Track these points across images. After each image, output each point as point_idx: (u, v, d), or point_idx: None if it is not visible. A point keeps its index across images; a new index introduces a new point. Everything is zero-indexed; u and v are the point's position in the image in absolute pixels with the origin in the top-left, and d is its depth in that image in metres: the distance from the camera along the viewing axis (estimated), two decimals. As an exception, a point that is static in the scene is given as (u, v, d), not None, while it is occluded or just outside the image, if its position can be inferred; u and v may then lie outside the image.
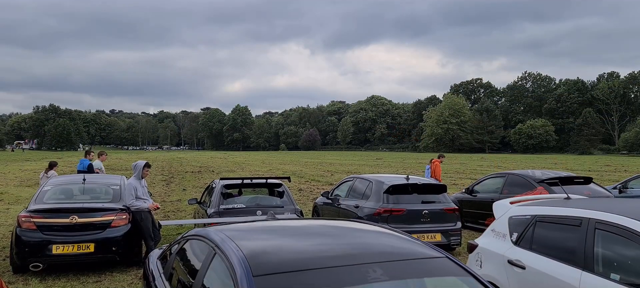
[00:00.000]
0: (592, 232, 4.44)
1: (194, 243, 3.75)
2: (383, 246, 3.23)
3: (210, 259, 3.20)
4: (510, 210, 5.60)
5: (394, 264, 2.94)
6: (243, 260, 2.82)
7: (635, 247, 4.07)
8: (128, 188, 8.52)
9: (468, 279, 3.00)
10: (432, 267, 3.03)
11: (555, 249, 4.76)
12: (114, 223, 8.05)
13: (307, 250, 3.07)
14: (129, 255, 8.23)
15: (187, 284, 3.42)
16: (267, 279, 2.66)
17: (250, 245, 3.05)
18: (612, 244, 4.31)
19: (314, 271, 2.76)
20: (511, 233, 5.34)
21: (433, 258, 3.11)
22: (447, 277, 3.00)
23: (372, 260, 2.93)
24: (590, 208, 4.69)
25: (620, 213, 4.37)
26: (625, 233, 4.16)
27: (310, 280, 2.69)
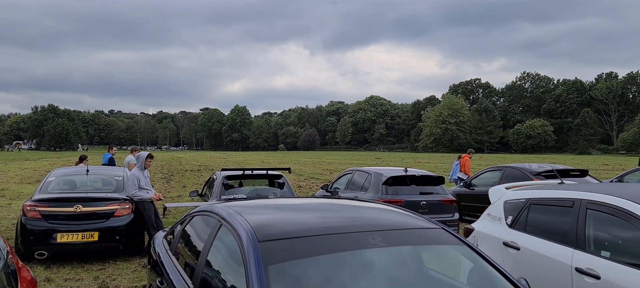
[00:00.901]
0: (583, 213, 4.59)
1: (200, 219, 3.90)
2: (382, 218, 3.37)
3: (217, 230, 3.35)
4: (505, 195, 5.75)
5: (392, 232, 3.09)
6: (248, 228, 2.96)
7: (624, 225, 4.22)
8: (131, 179, 8.66)
9: (462, 248, 3.14)
10: (428, 236, 3.18)
11: (548, 230, 4.91)
12: (117, 213, 8.19)
13: (309, 221, 3.21)
14: (132, 244, 8.37)
15: (194, 255, 3.56)
16: (271, 244, 2.80)
17: (255, 217, 3.19)
18: (602, 223, 4.46)
19: (316, 237, 2.91)
20: (506, 217, 5.49)
21: (429, 228, 3.25)
22: (442, 246, 3.15)
23: (371, 230, 3.07)
24: (582, 191, 4.85)
25: (611, 194, 4.52)
26: (616, 212, 4.31)
27: (312, 245, 2.84)
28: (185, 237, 4.03)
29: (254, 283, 2.53)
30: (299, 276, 2.69)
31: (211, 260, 3.23)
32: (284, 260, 2.71)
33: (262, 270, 2.59)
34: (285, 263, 2.70)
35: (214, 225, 3.46)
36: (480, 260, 3.05)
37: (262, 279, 2.54)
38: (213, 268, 3.18)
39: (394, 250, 3.01)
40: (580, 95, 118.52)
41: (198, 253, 3.47)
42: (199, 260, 3.35)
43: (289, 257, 2.74)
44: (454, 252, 3.15)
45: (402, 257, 3.05)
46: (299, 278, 2.68)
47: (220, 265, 3.17)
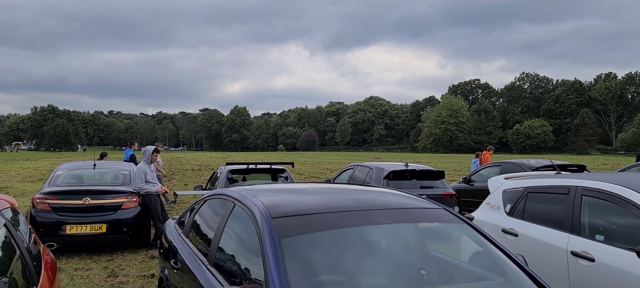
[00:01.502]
0: (579, 199, 4.78)
1: (213, 202, 4.09)
2: (387, 199, 3.56)
3: (231, 210, 3.53)
4: (504, 185, 5.94)
5: (396, 211, 3.29)
6: (262, 207, 3.15)
7: (618, 210, 4.41)
8: (138, 173, 8.84)
9: (462, 226, 3.33)
10: (430, 214, 3.37)
11: (545, 217, 5.09)
12: (124, 206, 8.37)
13: (318, 201, 3.40)
14: (139, 236, 8.55)
15: (208, 235, 3.75)
16: (284, 220, 2.99)
17: (267, 198, 3.37)
18: (597, 208, 4.65)
19: (325, 214, 3.10)
20: (505, 205, 5.68)
21: (432, 208, 3.44)
22: (444, 223, 3.34)
23: (376, 208, 3.26)
24: (578, 178, 5.04)
25: (606, 180, 4.72)
26: (610, 198, 4.50)
27: (322, 220, 3.03)
28: (198, 220, 4.22)
29: (269, 254, 2.71)
30: (310, 248, 2.88)
31: (225, 238, 3.41)
32: (296, 234, 2.89)
33: (276, 243, 2.77)
34: (297, 237, 2.89)
35: (227, 206, 3.65)
36: (480, 237, 3.24)
37: (277, 251, 2.72)
38: (228, 245, 3.37)
39: (398, 226, 3.20)
40: (579, 96, 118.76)
41: (212, 233, 3.65)
42: (214, 239, 3.53)
43: (300, 232, 2.92)
44: (455, 229, 3.34)
45: (405, 233, 3.24)
46: (310, 250, 2.87)
47: (234, 241, 3.35)
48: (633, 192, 4.35)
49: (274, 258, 2.68)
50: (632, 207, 4.26)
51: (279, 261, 2.66)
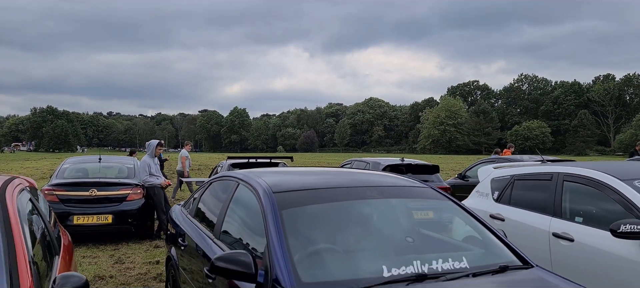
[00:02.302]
0: (561, 184, 5.09)
1: (218, 183, 4.40)
2: (378, 179, 3.87)
3: (235, 189, 3.84)
4: (492, 174, 6.26)
5: (386, 188, 3.61)
6: (265, 184, 3.45)
7: (596, 194, 4.72)
8: (142, 166, 9.14)
9: (446, 202, 3.65)
10: (418, 192, 3.69)
11: (530, 202, 5.41)
12: (129, 197, 8.68)
13: (316, 180, 3.72)
14: (143, 227, 8.86)
15: (213, 212, 4.05)
16: (284, 194, 3.30)
17: (269, 178, 3.68)
18: (577, 193, 4.96)
19: (322, 190, 3.42)
20: (493, 192, 5.99)
21: (419, 187, 3.76)
22: (431, 200, 3.66)
23: (369, 186, 3.58)
24: (560, 166, 5.36)
25: (585, 166, 5.04)
26: (589, 182, 4.82)
27: (318, 195, 3.34)
28: (203, 201, 4.52)
29: (270, 223, 3.02)
30: (307, 218, 3.19)
31: (230, 213, 3.72)
32: (295, 206, 3.20)
33: (277, 213, 3.08)
34: (296, 208, 3.19)
35: (232, 185, 3.96)
36: (462, 211, 3.56)
37: (278, 220, 3.03)
38: (232, 219, 3.68)
39: (387, 201, 3.51)
40: (577, 97, 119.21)
41: (217, 210, 3.96)
42: (219, 215, 3.84)
43: (298, 204, 3.24)
44: (440, 204, 3.66)
45: (394, 207, 3.55)
46: (307, 220, 3.18)
47: (238, 215, 3.66)
48: (610, 176, 4.66)
49: (275, 226, 2.99)
50: (609, 190, 4.57)
51: (280, 228, 2.96)
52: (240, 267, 2.79)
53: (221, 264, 2.82)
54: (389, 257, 2.93)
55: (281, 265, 2.74)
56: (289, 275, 2.68)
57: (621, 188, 4.47)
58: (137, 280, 6.36)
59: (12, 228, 2.62)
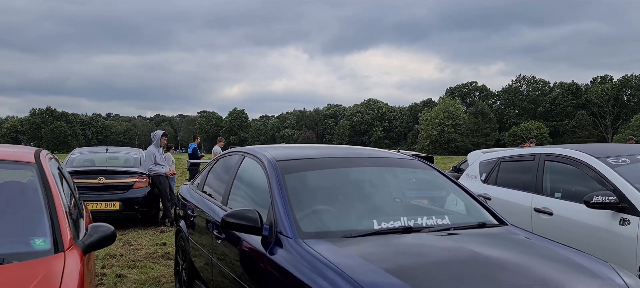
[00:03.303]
0: (542, 163, 5.48)
1: (224, 159, 4.79)
2: (371, 152, 4.27)
3: (241, 161, 4.23)
4: (481, 157, 6.65)
5: (378, 159, 4.02)
6: (269, 155, 3.84)
7: (573, 171, 5.12)
8: (148, 155, 9.52)
9: (432, 172, 4.05)
10: (406, 162, 4.09)
11: (514, 181, 5.80)
12: (135, 185, 9.07)
13: (315, 152, 4.14)
14: (148, 214, 9.25)
15: (220, 183, 4.43)
16: (287, 163, 3.68)
17: (273, 151, 4.06)
18: (557, 171, 5.36)
19: (320, 159, 3.83)
20: (481, 174, 6.38)
21: (408, 159, 4.15)
22: (418, 169, 4.06)
23: (362, 156, 3.98)
24: (542, 147, 5.76)
25: (564, 147, 5.44)
26: (567, 160, 5.21)
27: (316, 163, 3.76)
28: (211, 175, 4.91)
29: (274, 185, 3.40)
30: (306, 181, 3.58)
31: (237, 182, 4.11)
32: (297, 171, 3.59)
33: (280, 177, 3.46)
34: (297, 173, 3.58)
35: (237, 158, 4.35)
36: (446, 180, 3.95)
37: (281, 183, 3.41)
38: (239, 187, 4.06)
39: (379, 169, 3.92)
40: (575, 98, 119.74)
41: (224, 181, 4.35)
42: (226, 185, 4.22)
43: (300, 170, 3.63)
44: (426, 173, 4.05)
45: (384, 173, 3.94)
46: (306, 183, 3.57)
47: (245, 183, 4.05)
48: (587, 155, 5.06)
49: (278, 187, 3.37)
50: (586, 167, 4.96)
51: (283, 189, 3.35)
52: (248, 221, 3.17)
53: (231, 220, 3.20)
54: (378, 213, 3.31)
55: (284, 219, 3.12)
56: (290, 226, 3.06)
57: (596, 165, 4.86)
58: (146, 258, 6.74)
59: (49, 183, 3.00)
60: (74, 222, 3.10)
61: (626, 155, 5.03)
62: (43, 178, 3.02)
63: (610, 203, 4.43)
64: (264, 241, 3.16)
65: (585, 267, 2.83)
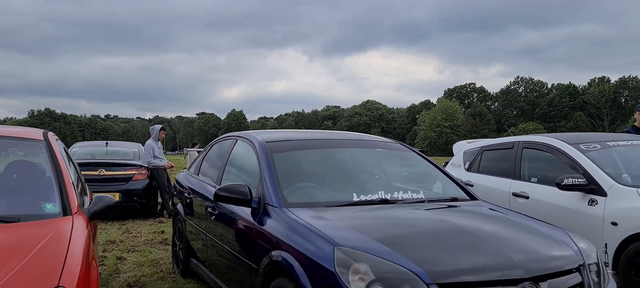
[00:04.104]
0: (520, 151, 5.80)
1: (217, 144, 5.10)
2: (356, 136, 4.59)
3: (234, 144, 4.53)
4: (465, 147, 6.95)
5: (361, 141, 4.34)
6: (260, 137, 4.14)
7: (548, 157, 5.43)
8: (147, 148, 9.81)
9: (411, 153, 4.36)
10: (387, 144, 4.41)
11: (495, 168, 6.11)
12: (134, 177, 9.36)
13: (302, 135, 4.43)
14: (147, 205, 9.54)
15: (215, 166, 4.73)
16: (275, 144, 3.99)
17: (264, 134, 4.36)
18: (534, 157, 5.67)
19: (306, 140, 4.15)
20: (464, 163, 6.68)
21: (389, 142, 4.46)
22: (398, 151, 4.37)
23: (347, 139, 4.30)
24: (521, 136, 6.07)
25: (541, 136, 5.75)
26: (543, 147, 5.53)
27: (303, 144, 4.08)
28: (205, 159, 5.21)
29: (263, 163, 3.71)
30: (293, 160, 3.89)
31: (230, 163, 4.42)
32: (283, 151, 3.89)
33: (269, 156, 3.77)
34: (285, 152, 3.89)
35: (230, 143, 4.66)
36: (425, 161, 4.26)
37: (269, 160, 3.71)
38: (231, 168, 4.37)
39: (361, 150, 4.24)
40: (572, 99, 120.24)
41: (218, 164, 4.65)
42: (220, 166, 4.53)
43: (288, 149, 3.94)
44: (406, 155, 4.36)
45: (367, 154, 4.26)
46: (294, 161, 3.88)
47: (237, 163, 4.35)
48: (561, 141, 5.38)
49: (267, 164, 3.68)
50: (560, 153, 5.27)
51: (271, 166, 3.65)
52: (239, 194, 3.47)
53: (223, 193, 3.50)
54: (358, 188, 3.62)
55: (271, 192, 3.43)
56: (277, 197, 3.37)
57: (568, 151, 5.18)
58: (144, 244, 7.03)
59: (57, 158, 3.30)
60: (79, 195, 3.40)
61: (598, 142, 5.34)
62: (51, 153, 3.32)
63: (579, 185, 4.75)
64: (254, 212, 3.47)
65: (541, 231, 3.14)
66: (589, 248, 3.06)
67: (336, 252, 2.60)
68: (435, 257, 2.62)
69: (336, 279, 2.50)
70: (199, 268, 4.73)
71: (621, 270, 4.42)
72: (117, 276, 5.34)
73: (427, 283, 2.43)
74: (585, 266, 2.85)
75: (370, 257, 2.54)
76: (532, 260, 2.69)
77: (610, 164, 5.02)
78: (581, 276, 2.78)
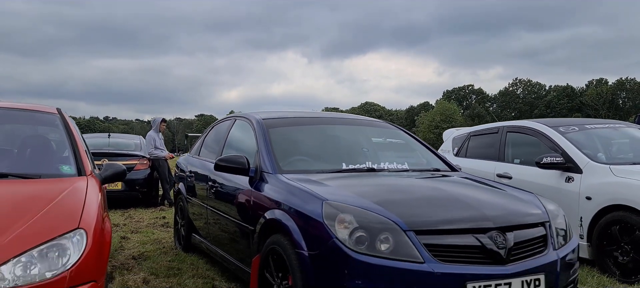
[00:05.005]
0: (505, 135, 6.12)
1: (217, 126, 5.41)
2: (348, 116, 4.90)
3: (233, 123, 4.84)
4: (454, 134, 7.28)
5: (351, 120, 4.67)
6: (257, 116, 4.45)
7: (531, 140, 5.75)
8: (148, 139, 10.12)
9: (398, 130, 4.68)
10: (376, 123, 4.74)
11: (481, 152, 6.43)
12: (136, 167, 9.66)
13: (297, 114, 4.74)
14: (149, 195, 9.85)
15: (214, 145, 5.04)
16: (271, 120, 4.30)
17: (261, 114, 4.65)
18: (517, 141, 6.00)
19: (302, 118, 4.47)
20: (453, 148, 7.00)
21: (377, 121, 4.80)
22: (387, 129, 4.69)
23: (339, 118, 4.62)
24: (505, 122, 6.40)
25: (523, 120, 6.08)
26: (526, 130, 5.86)
27: (298, 121, 4.39)
28: (206, 140, 5.52)
29: (260, 137, 4.02)
30: (288, 133, 4.21)
31: (229, 141, 4.72)
32: (278, 127, 4.21)
33: (265, 131, 4.08)
34: (280, 127, 4.20)
35: (229, 123, 4.97)
36: (411, 138, 4.58)
37: (266, 134, 4.02)
38: (230, 144, 4.68)
39: (351, 127, 4.56)
40: (570, 101, 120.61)
41: (218, 142, 4.96)
42: (219, 144, 4.84)
43: (283, 125, 4.25)
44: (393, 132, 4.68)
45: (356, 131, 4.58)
46: (288, 134, 4.20)
47: (236, 140, 4.66)
48: (542, 125, 5.71)
49: (263, 138, 3.99)
50: (541, 135, 5.60)
51: (267, 139, 3.96)
52: (237, 164, 3.78)
53: (223, 163, 3.81)
54: (347, 158, 3.93)
55: (267, 160, 3.74)
56: (272, 165, 3.68)
57: (548, 132, 5.51)
58: (147, 227, 7.34)
59: (71, 127, 3.61)
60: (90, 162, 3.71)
61: (576, 125, 5.68)
62: (65, 124, 3.64)
63: (557, 163, 5.07)
64: (251, 181, 3.78)
65: (513, 194, 3.46)
66: (556, 210, 3.37)
67: (324, 205, 2.90)
68: (414, 211, 2.92)
69: (324, 228, 2.81)
70: (200, 243, 5.03)
71: (594, 241, 4.73)
72: (122, 251, 5.64)
73: (405, 230, 2.73)
74: (550, 222, 3.16)
75: (355, 208, 2.85)
76: (501, 215, 3.00)
77: (587, 145, 5.34)
78: (545, 230, 3.09)
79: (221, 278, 4.48)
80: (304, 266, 2.86)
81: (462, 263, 2.72)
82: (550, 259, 2.95)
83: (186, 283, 4.34)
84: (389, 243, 2.70)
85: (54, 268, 2.31)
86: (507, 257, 2.79)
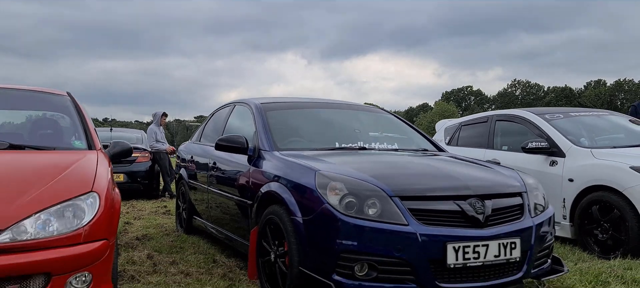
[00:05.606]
0: (494, 123, 6.37)
1: (217, 113, 5.64)
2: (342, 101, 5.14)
3: (232, 108, 5.09)
4: (446, 124, 7.53)
5: (345, 104, 4.90)
6: (256, 101, 4.69)
7: (518, 127, 6.00)
8: (149, 133, 10.36)
9: (390, 116, 4.92)
10: (368, 108, 4.98)
11: (471, 140, 6.68)
12: (138, 160, 9.90)
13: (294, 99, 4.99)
14: (150, 186, 10.09)
15: (215, 129, 5.28)
16: (270, 104, 4.55)
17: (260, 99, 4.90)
18: (505, 128, 6.25)
19: (298, 102, 4.71)
20: (445, 138, 7.24)
21: (369, 106, 5.03)
22: (379, 113, 4.94)
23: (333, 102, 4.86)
24: (495, 111, 6.65)
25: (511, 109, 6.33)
26: (514, 118, 6.12)
27: (294, 105, 4.63)
28: (206, 126, 5.76)
29: (258, 119, 4.26)
30: (285, 116, 4.45)
31: (229, 124, 4.97)
32: (276, 110, 4.45)
33: (263, 114, 4.32)
34: (276, 111, 4.44)
35: (229, 109, 5.21)
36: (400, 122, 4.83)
37: (263, 117, 4.26)
38: (231, 128, 4.92)
39: (345, 111, 4.79)
40: (569, 102, 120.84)
41: (218, 127, 5.20)
42: (220, 128, 5.08)
43: (280, 109, 4.49)
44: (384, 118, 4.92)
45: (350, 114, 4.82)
46: (285, 117, 4.44)
47: (236, 124, 4.90)
48: (529, 112, 5.97)
49: (261, 119, 4.23)
50: (528, 123, 5.84)
51: (265, 120, 4.20)
52: (236, 144, 4.03)
53: (223, 143, 4.06)
54: (340, 137, 4.18)
55: (264, 139, 3.99)
56: (269, 144, 3.92)
57: (534, 120, 5.76)
58: (149, 214, 7.58)
59: (80, 108, 3.85)
60: (99, 140, 3.95)
61: (561, 113, 5.93)
62: (75, 105, 3.88)
63: (542, 148, 5.32)
64: (249, 159, 4.02)
65: (495, 169, 3.70)
66: (535, 184, 3.61)
67: (317, 175, 3.15)
68: (400, 180, 3.17)
69: (317, 196, 3.05)
70: (201, 224, 5.27)
71: (576, 220, 4.98)
72: (126, 234, 5.88)
73: (391, 196, 2.97)
74: (527, 194, 3.40)
75: (345, 177, 3.09)
76: (481, 185, 3.25)
77: (572, 131, 5.59)
78: (522, 199, 3.33)
79: (221, 254, 4.71)
80: (299, 231, 3.10)
81: (444, 226, 2.96)
82: (526, 225, 3.20)
83: (188, 258, 4.57)
84: (376, 208, 2.94)
85: (70, 225, 2.55)
86: (485, 221, 3.03)
